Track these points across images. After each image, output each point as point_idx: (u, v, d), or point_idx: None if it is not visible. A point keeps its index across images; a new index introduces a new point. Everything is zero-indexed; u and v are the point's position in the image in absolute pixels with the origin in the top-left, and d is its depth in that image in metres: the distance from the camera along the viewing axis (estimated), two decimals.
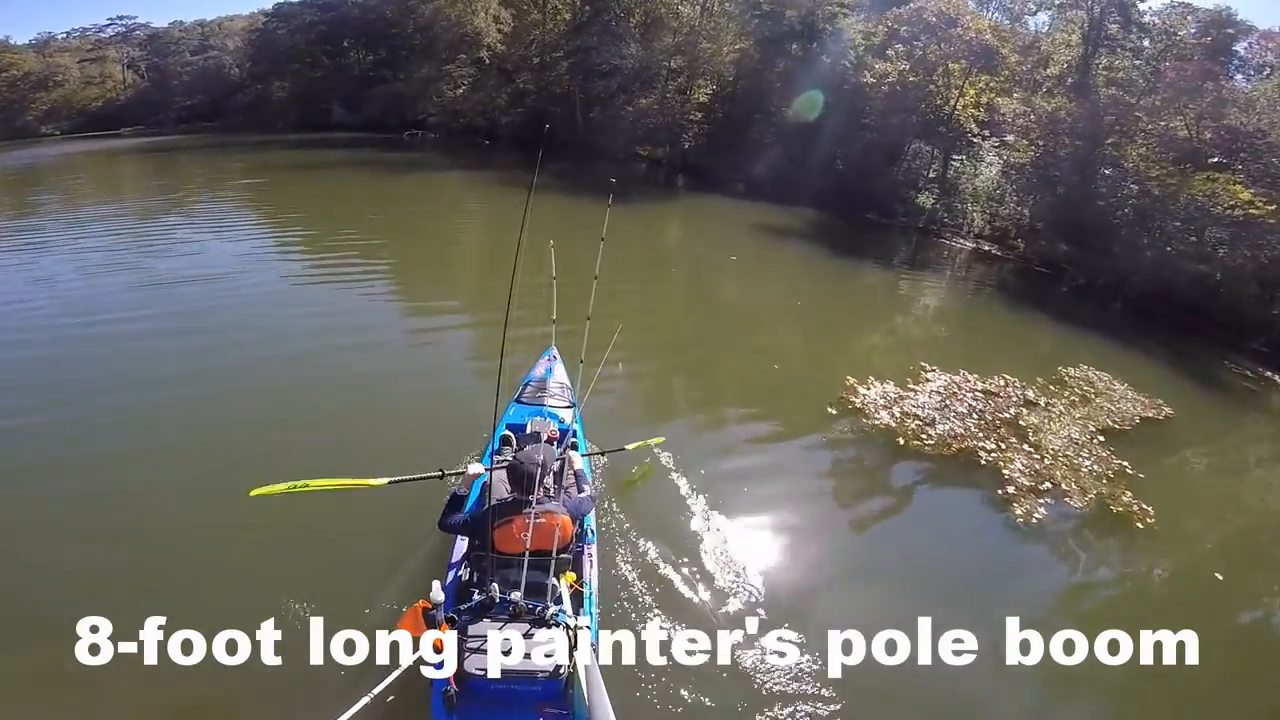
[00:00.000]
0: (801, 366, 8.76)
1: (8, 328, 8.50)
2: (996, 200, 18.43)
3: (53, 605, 4.06)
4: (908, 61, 18.69)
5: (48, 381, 7.00)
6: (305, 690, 3.41)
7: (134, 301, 9.34)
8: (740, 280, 13.01)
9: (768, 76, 21.39)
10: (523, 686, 2.99)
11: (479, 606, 3.15)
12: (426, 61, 34.39)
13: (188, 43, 52.32)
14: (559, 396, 5.23)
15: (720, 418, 7.08)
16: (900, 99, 19.00)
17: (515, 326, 3.86)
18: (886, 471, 6.36)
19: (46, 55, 51.91)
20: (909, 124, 19.35)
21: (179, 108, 48.37)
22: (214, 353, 7.62)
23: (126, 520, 4.97)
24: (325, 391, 6.83)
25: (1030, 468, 6.36)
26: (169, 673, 3.37)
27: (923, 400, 7.31)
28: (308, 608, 3.92)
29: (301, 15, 41.99)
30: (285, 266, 11.50)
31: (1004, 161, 18.39)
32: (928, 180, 20.22)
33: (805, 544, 5.14)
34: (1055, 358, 9.33)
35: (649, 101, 23.79)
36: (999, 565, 5.42)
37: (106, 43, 52.94)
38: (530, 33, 31.47)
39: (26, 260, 11.71)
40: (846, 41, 20.32)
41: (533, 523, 3.18)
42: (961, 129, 18.51)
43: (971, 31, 17.26)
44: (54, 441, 5.92)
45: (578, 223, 12.95)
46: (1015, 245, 17.82)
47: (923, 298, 13.21)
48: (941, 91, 18.80)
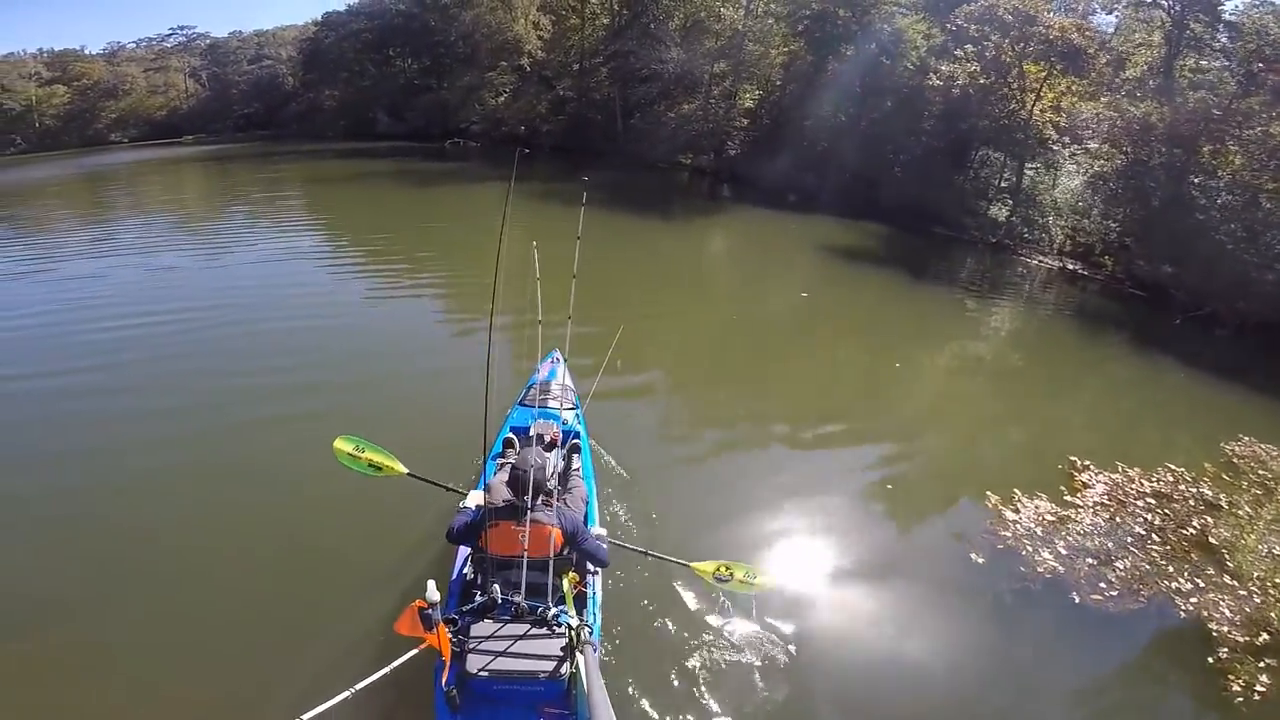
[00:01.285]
0: (919, 472, 6.22)
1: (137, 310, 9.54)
2: (1080, 213, 16.13)
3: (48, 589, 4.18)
4: (978, 62, 16.49)
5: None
6: (304, 690, 3.13)
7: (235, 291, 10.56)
8: (814, 325, 10.61)
9: (819, 80, 19.38)
10: (524, 687, 2.89)
11: (481, 607, 3.09)
12: (469, 69, 33.22)
13: (245, 52, 52.43)
14: (561, 398, 5.06)
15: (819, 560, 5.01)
16: (968, 103, 16.83)
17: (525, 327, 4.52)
18: (1062, 638, 4.44)
19: (115, 64, 52.66)
20: (977, 129, 17.17)
21: (236, 116, 48.51)
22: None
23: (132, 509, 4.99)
24: (336, 388, 7.00)
25: (1239, 610, 4.55)
26: (168, 674, 3.43)
27: (1088, 522, 5.35)
28: (307, 608, 3.85)
29: (349, 24, 41.33)
30: (335, 278, 11.73)
31: (1089, 171, 16.08)
32: (998, 190, 18.00)
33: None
34: (1208, 427, 7.37)
35: (693, 107, 22.01)
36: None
37: (169, 52, 53.44)
38: (569, 38, 29.96)
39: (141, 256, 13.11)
40: (906, 43, 18.17)
41: (522, 529, 3.10)
42: (1039, 135, 16.24)
43: (1055, 30, 14.99)
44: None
45: (616, 238, 12.89)
46: (1102, 263, 15.59)
47: (1022, 338, 11.13)
48: (1015, 95, 16.55)
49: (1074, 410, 8.18)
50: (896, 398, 7.91)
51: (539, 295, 4.93)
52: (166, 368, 7.60)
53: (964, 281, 13.95)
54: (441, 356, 8.11)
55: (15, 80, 48.16)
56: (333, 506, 4.85)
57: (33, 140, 46.64)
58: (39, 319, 9.50)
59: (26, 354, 8.30)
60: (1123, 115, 15.65)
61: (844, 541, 5.01)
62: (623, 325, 5.87)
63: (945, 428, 7.16)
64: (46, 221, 18.18)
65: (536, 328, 5.13)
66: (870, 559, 4.84)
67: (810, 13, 18.92)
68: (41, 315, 9.64)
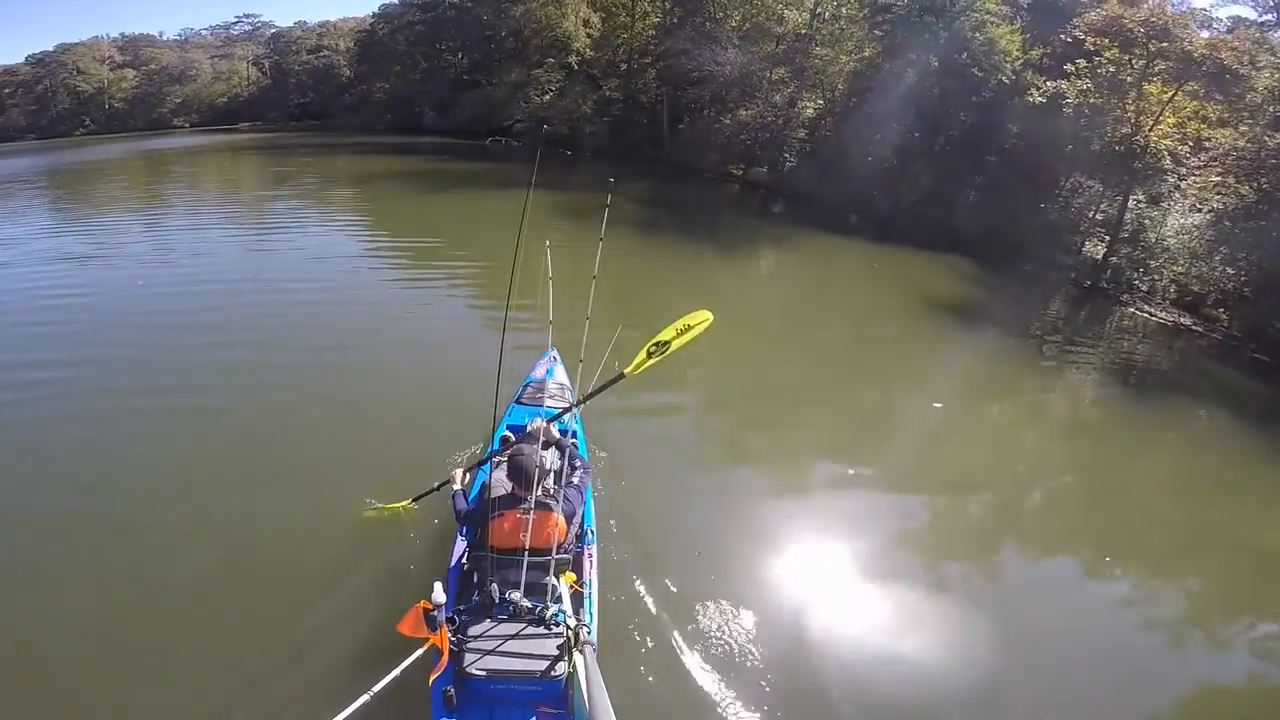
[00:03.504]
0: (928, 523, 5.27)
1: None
2: (1197, 256, 13.07)
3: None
4: (1090, 79, 13.47)
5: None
6: (306, 691, 3.16)
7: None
8: (862, 359, 8.66)
9: (895, 90, 16.51)
10: (522, 686, 2.75)
11: (479, 606, 2.95)
12: (517, 65, 30.95)
13: (305, 42, 51.06)
14: (559, 397, 4.77)
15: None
16: (1073, 124, 13.85)
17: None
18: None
19: (185, 50, 52.03)
20: (1081, 154, 14.19)
21: (292, 105, 47.22)
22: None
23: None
24: (338, 386, 6.52)
25: None
26: (167, 674, 3.34)
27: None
28: (307, 609, 3.68)
29: (403, 15, 39.46)
30: (367, 274, 10.91)
31: (1208, 208, 13.00)
32: (1091, 224, 14.97)
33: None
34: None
35: (751, 113, 19.29)
36: None
37: (235, 40, 52.52)
38: (618, 36, 27.33)
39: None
40: (1000, 54, 15.17)
41: (525, 518, 2.97)
42: (1156, 164, 13.21)
43: (1200, 48, 11.87)
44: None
45: (654, 250, 11.55)
46: (1215, 317, 12.59)
47: (1100, 400, 8.46)
48: (1131, 117, 13.50)
49: (1136, 497, 6.11)
50: (937, 445, 6.53)
51: (551, 295, 4.71)
52: (161, 354, 7.20)
53: (1043, 327, 11.15)
54: (453, 353, 7.60)
55: (90, 63, 47.85)
56: (333, 505, 4.65)
57: (101, 122, 46.32)
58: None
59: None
60: (1260, 145, 12.52)
61: (840, 558, 4.65)
62: (621, 325, 5.50)
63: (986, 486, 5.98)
64: (90, 209, 17.32)
65: (548, 329, 4.90)
66: (869, 571, 4.55)
67: (893, 15, 16.00)
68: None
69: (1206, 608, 4.82)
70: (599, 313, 4.31)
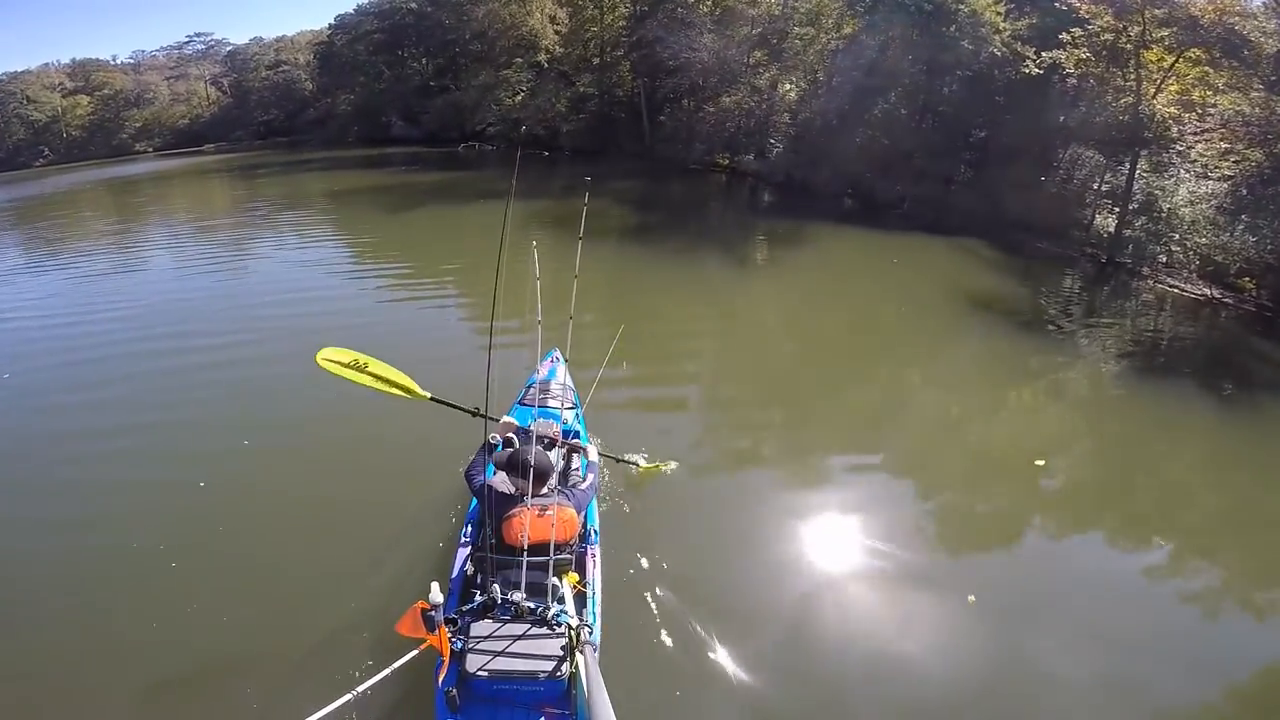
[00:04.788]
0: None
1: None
2: (1218, 226, 12.27)
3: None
4: (1087, 48, 12.55)
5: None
6: (304, 691, 2.90)
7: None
8: (870, 352, 7.68)
9: (881, 69, 15.50)
10: (524, 687, 2.64)
11: (481, 607, 2.82)
12: (484, 68, 29.41)
13: (263, 58, 48.62)
14: (561, 398, 4.63)
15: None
16: (1074, 95, 12.97)
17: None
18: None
19: (139, 73, 49.25)
20: (1079, 125, 13.33)
21: (256, 123, 44.96)
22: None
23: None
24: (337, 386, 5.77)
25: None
26: (166, 674, 3.27)
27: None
28: (306, 609, 3.61)
29: (360, 25, 37.53)
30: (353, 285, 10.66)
31: (1225, 175, 12.20)
32: (1097, 195, 14.13)
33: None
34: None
35: (734, 100, 18.15)
36: None
37: (189, 60, 49.83)
38: (587, 29, 25.93)
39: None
40: (986, 25, 14.20)
41: (535, 514, 2.90)
42: (1164, 132, 12.36)
43: (1210, 13, 10.94)
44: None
45: (643, 251, 10.83)
46: (1243, 287, 11.84)
47: (1124, 377, 7.64)
48: (1130, 86, 12.63)
49: (1166, 476, 5.60)
50: (958, 432, 6.11)
51: (538, 295, 4.50)
52: (149, 380, 7.03)
53: (1065, 307, 10.24)
54: (444, 353, 7.22)
55: (40, 91, 45.07)
56: (332, 506, 4.55)
57: (60, 151, 43.73)
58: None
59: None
60: (1270, 110, 11.71)
61: (849, 556, 4.30)
62: (623, 325, 5.49)
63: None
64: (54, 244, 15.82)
65: (537, 329, 4.78)
66: (879, 567, 4.18)
67: None
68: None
69: (1242, 585, 4.41)
70: (599, 315, 4.44)
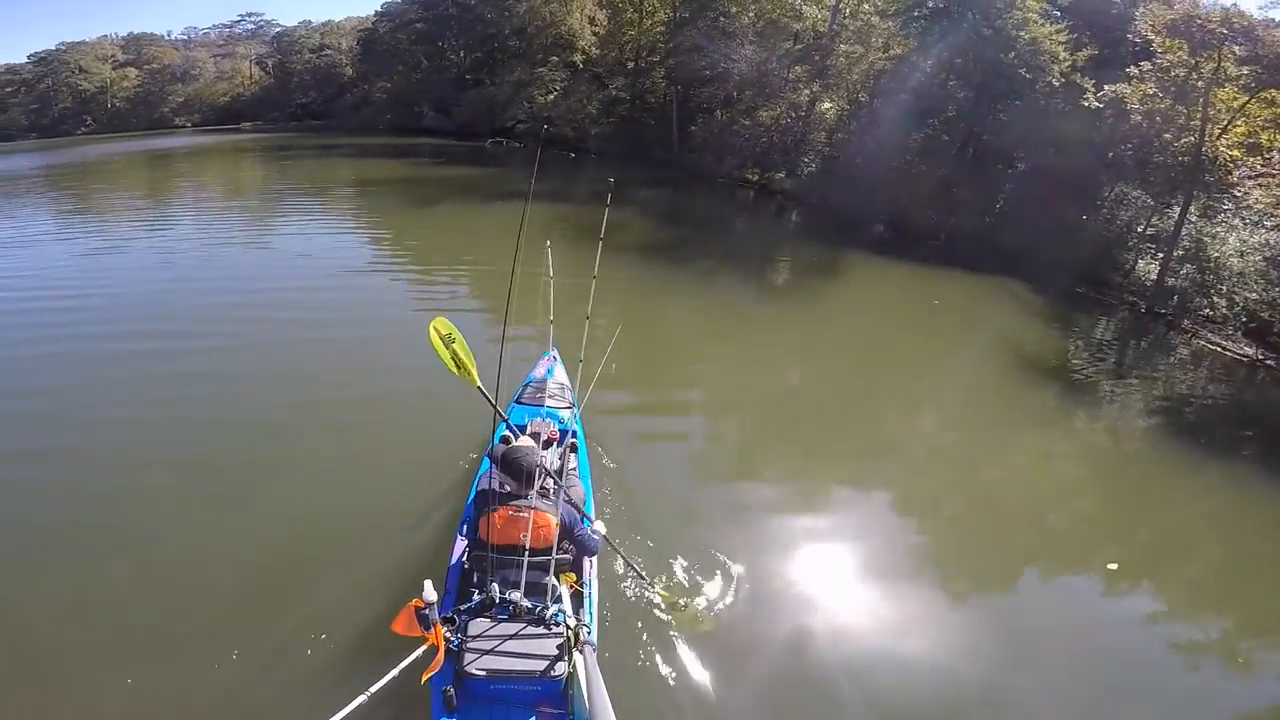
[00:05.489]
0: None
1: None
2: (1266, 280, 11.35)
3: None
4: (1154, 84, 11.69)
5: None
6: (302, 692, 2.98)
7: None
8: (885, 390, 6.88)
9: (928, 93, 14.72)
10: (522, 686, 2.62)
11: (479, 606, 2.81)
12: (520, 64, 28.99)
13: (308, 41, 48.81)
14: (559, 397, 4.68)
15: None
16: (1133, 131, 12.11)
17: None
18: None
19: (189, 49, 49.81)
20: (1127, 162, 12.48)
21: (294, 105, 45.12)
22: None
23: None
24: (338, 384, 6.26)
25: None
26: (166, 674, 3.23)
27: None
28: (305, 610, 3.51)
29: (404, 13, 37.35)
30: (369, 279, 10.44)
31: None
32: (1140, 239, 13.21)
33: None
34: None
35: (772, 115, 17.45)
36: None
37: (238, 38, 50.28)
38: (625, 33, 25.38)
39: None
40: (1045, 54, 13.36)
41: (520, 517, 2.85)
42: (1222, 175, 11.48)
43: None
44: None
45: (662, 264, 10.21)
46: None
47: (1140, 446, 6.79)
48: (1195, 125, 11.74)
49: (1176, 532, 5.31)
50: (968, 471, 5.80)
51: (551, 296, 4.62)
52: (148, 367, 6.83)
53: (1097, 357, 9.34)
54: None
55: (92, 62, 45.74)
56: (333, 506, 4.48)
57: (102, 121, 44.30)
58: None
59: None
60: None
61: (847, 565, 4.31)
62: (622, 324, 5.34)
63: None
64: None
65: (549, 329, 4.79)
66: (877, 582, 4.19)
67: (928, 10, 14.14)
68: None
69: (1236, 637, 4.32)
70: (610, 322, 4.22)
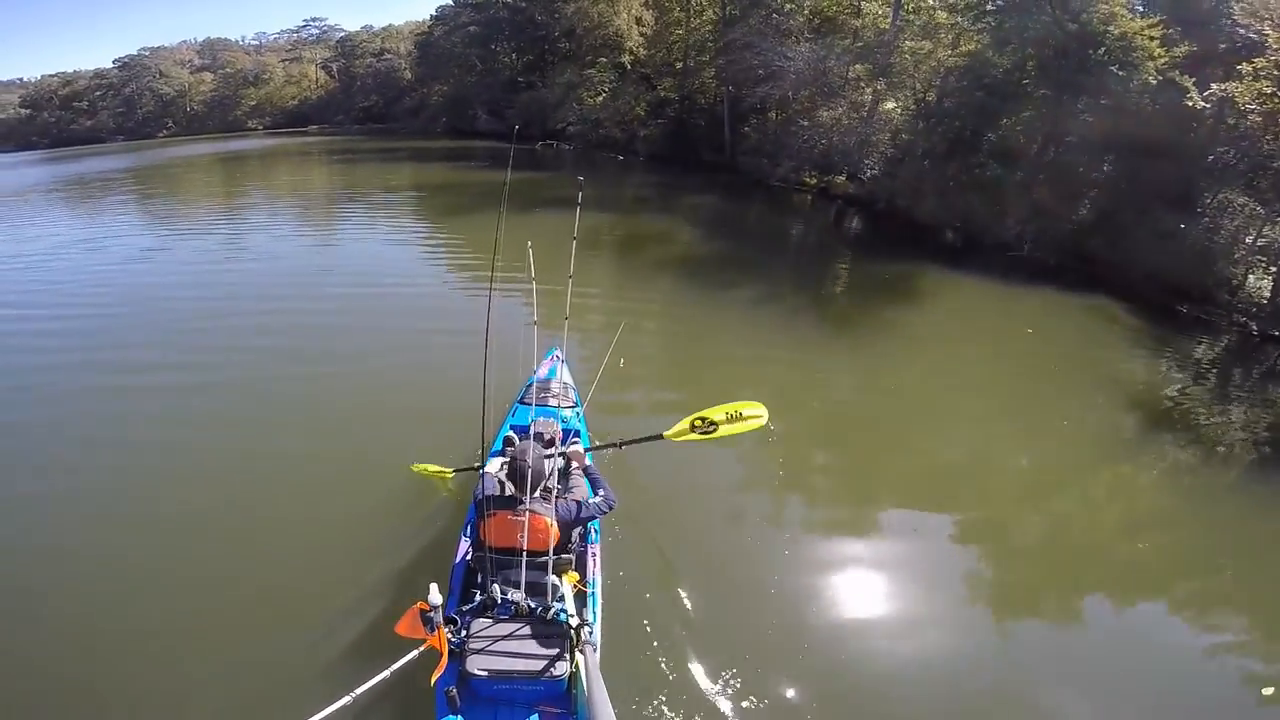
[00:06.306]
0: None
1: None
2: None
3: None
4: (1271, 82, 10.29)
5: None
6: (303, 692, 2.81)
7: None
8: (945, 406, 6.02)
9: (1003, 91, 13.53)
10: (524, 686, 2.59)
11: (481, 606, 2.78)
12: (570, 66, 28.72)
13: (369, 46, 50.13)
14: (562, 397, 4.60)
15: None
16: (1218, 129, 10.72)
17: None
18: None
19: (259, 54, 51.99)
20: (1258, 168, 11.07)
21: (357, 108, 46.46)
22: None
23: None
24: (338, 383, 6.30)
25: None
26: (165, 675, 3.20)
27: None
28: (306, 610, 3.51)
29: (458, 17, 37.71)
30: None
31: None
32: (1250, 250, 11.73)
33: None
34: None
35: (833, 115, 16.50)
36: None
37: (304, 44, 52.12)
38: (672, 33, 24.68)
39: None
40: (1139, 50, 12.01)
41: (519, 520, 2.80)
42: None
43: None
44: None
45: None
46: None
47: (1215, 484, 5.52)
48: None
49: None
50: (1029, 503, 5.20)
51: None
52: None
53: (1198, 385, 8.08)
54: (445, 356, 7.09)
55: (171, 66, 48.32)
56: (333, 506, 4.45)
57: (182, 124, 46.79)
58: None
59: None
60: None
61: (858, 572, 4.10)
62: (624, 323, 5.39)
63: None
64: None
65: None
66: (891, 590, 4.00)
67: (1004, 3, 12.94)
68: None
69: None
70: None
